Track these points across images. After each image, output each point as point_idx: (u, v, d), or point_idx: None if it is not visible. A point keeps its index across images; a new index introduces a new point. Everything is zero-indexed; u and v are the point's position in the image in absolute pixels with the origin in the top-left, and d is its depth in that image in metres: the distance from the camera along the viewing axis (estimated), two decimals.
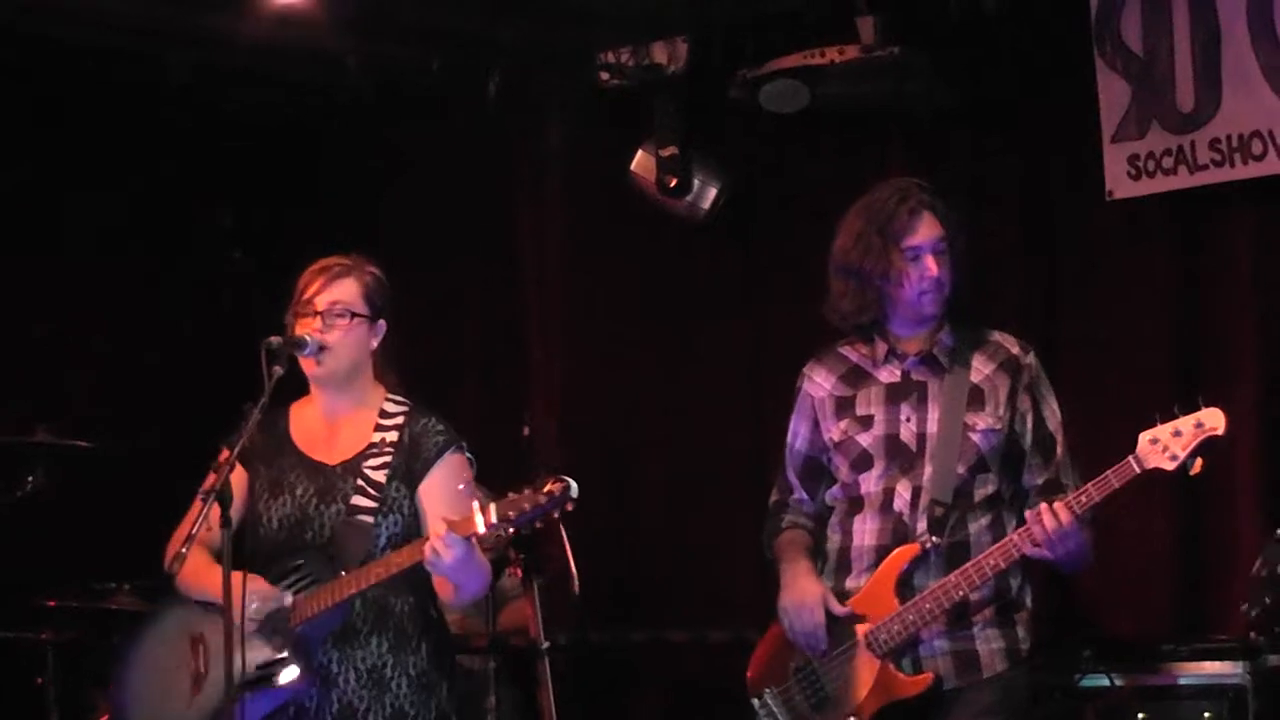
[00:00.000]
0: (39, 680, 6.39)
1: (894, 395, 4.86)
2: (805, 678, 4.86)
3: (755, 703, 4.94)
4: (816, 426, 4.96)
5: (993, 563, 4.66)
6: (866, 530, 4.82)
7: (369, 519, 4.73)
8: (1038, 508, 4.62)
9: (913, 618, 4.71)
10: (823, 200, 5.45)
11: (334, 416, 4.86)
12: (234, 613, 4.39)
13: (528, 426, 6.57)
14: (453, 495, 4.69)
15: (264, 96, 7.54)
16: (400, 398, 4.88)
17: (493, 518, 4.46)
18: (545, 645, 5.77)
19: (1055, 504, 4.59)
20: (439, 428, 4.84)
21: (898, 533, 4.78)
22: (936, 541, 4.73)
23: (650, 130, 7.01)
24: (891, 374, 4.88)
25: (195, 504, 4.65)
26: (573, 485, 4.47)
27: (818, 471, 4.97)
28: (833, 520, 4.91)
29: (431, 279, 7.46)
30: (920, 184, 4.91)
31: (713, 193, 7.01)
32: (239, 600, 4.44)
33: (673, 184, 6.95)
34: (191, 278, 7.74)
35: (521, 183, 7.68)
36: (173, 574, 4.57)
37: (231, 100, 7.49)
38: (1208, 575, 6.20)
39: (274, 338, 4.68)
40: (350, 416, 4.85)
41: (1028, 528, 4.63)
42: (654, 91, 6.98)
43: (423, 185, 7.72)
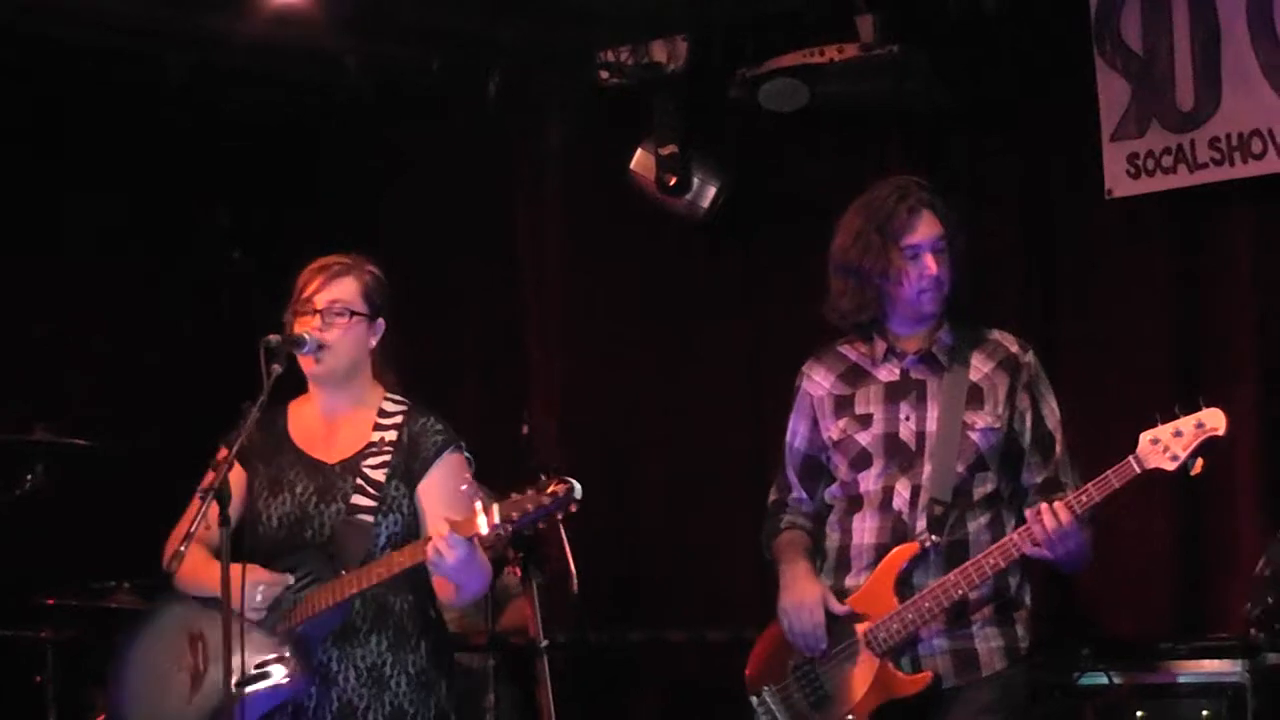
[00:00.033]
0: (38, 678, 6.39)
1: (893, 394, 4.85)
2: (804, 676, 4.85)
3: (754, 701, 4.93)
4: (815, 425, 4.95)
5: (992, 562, 4.66)
6: (866, 529, 4.82)
7: (369, 518, 4.73)
8: (1038, 507, 4.61)
9: (912, 616, 4.70)
10: (822, 199, 5.44)
11: (333, 415, 4.85)
12: (234, 608, 4.39)
13: (527, 425, 6.56)
14: (452, 495, 4.68)
15: (263, 96, 7.54)
16: (399, 397, 4.88)
17: (495, 518, 4.44)
18: (544, 644, 5.76)
19: (1055, 503, 4.58)
20: (438, 427, 4.83)
21: (897, 531, 4.77)
22: (936, 540, 4.72)
23: (650, 129, 7.00)
24: (890, 372, 4.88)
25: (194, 502, 4.65)
26: (576, 486, 4.45)
27: (817, 470, 4.96)
28: (832, 519, 4.90)
29: (431, 279, 7.46)
30: (919, 182, 4.91)
31: (712, 191, 7.00)
32: (239, 595, 4.43)
33: (672, 183, 6.94)
34: (191, 278, 7.75)
35: (521, 182, 7.67)
36: (171, 572, 4.56)
37: (231, 100, 7.49)
38: (1207, 575, 6.20)
39: (273, 336, 4.68)
40: (349, 415, 4.85)
41: (1028, 527, 4.62)
42: (654, 90, 6.97)
43: (422, 185, 7.71)
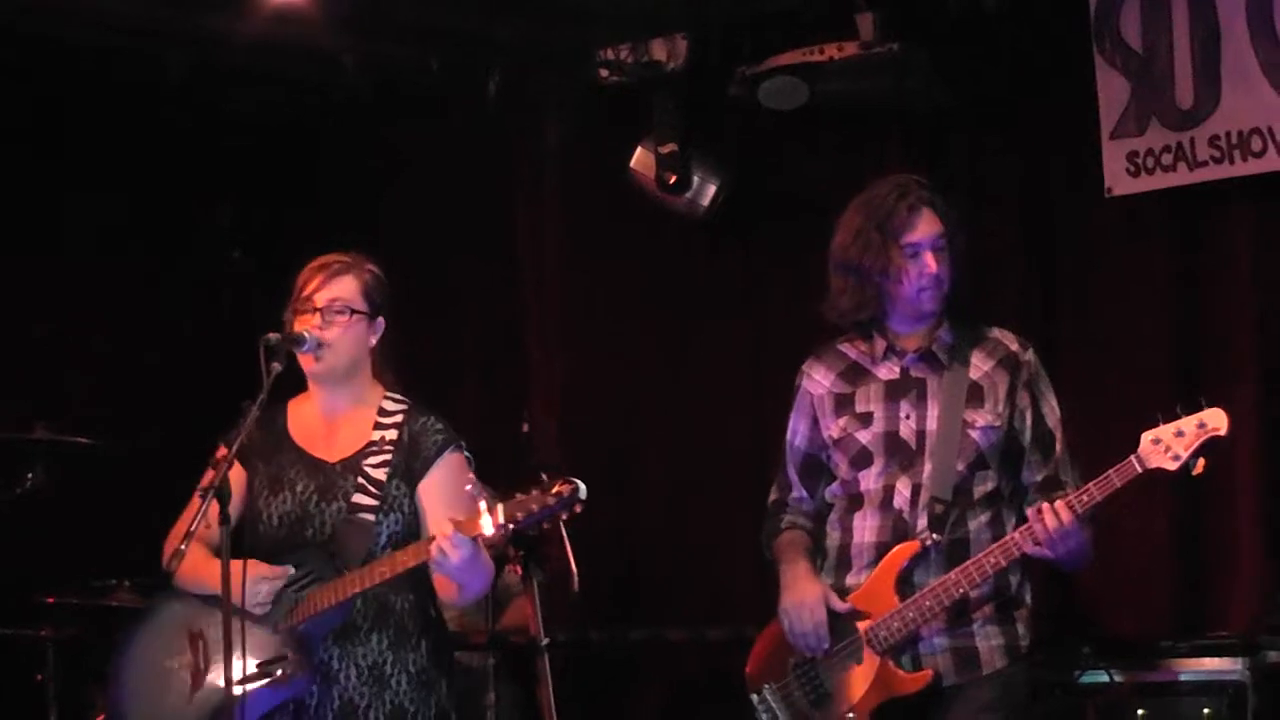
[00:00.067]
0: (39, 677, 6.39)
1: (893, 392, 4.85)
2: (804, 674, 4.85)
3: (754, 699, 4.93)
4: (816, 424, 4.94)
5: (993, 561, 4.65)
6: (866, 527, 4.81)
7: (370, 517, 4.72)
8: (1039, 506, 4.61)
9: (912, 615, 4.70)
10: (822, 197, 5.44)
11: (333, 414, 4.85)
12: (234, 600, 4.39)
13: (527, 424, 6.55)
14: (453, 494, 4.68)
15: (263, 95, 7.53)
16: (399, 396, 4.87)
17: (500, 519, 4.43)
18: (545, 642, 5.77)
19: (1057, 503, 4.58)
20: (438, 426, 4.82)
21: (898, 530, 4.77)
22: (937, 539, 4.72)
23: (650, 127, 6.99)
24: (891, 371, 4.87)
25: (193, 500, 4.66)
26: (581, 487, 4.43)
27: (817, 469, 4.96)
28: (832, 517, 4.90)
29: (431, 278, 7.45)
30: (919, 180, 4.90)
31: (712, 190, 6.99)
32: (240, 591, 4.43)
33: (672, 181, 6.93)
34: (191, 278, 7.74)
35: (521, 181, 7.66)
36: (172, 571, 4.56)
37: (230, 99, 7.48)
38: (1207, 574, 6.19)
39: (273, 334, 4.67)
40: (349, 414, 4.84)
41: (1029, 526, 4.62)
42: (653, 89, 6.96)
43: (422, 184, 7.71)
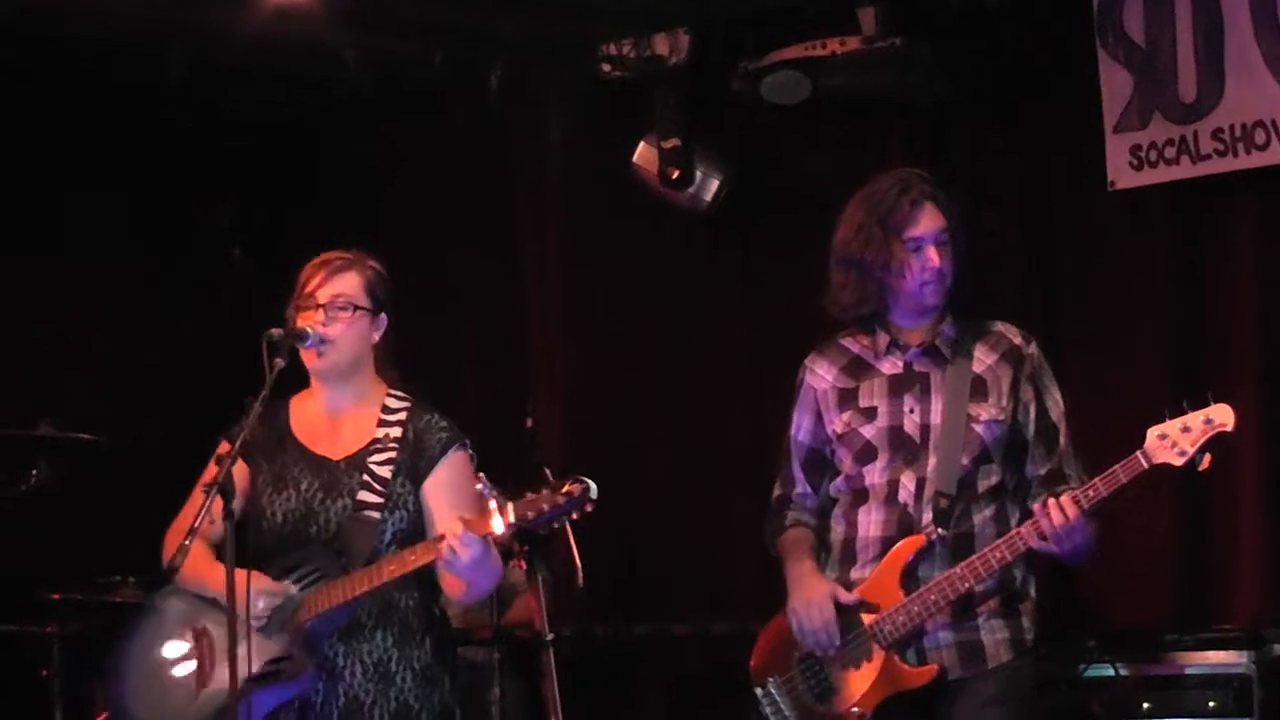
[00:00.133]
0: (44, 673, 6.40)
1: (897, 387, 4.85)
2: (809, 667, 4.85)
3: (758, 692, 4.93)
4: (819, 418, 4.94)
5: (999, 555, 4.65)
6: (871, 521, 4.81)
7: (375, 515, 4.71)
8: (1045, 502, 4.60)
9: (918, 609, 4.70)
10: (824, 192, 5.43)
11: (336, 411, 4.83)
12: (238, 609, 4.39)
13: (531, 420, 6.54)
14: (460, 493, 4.67)
15: (263, 93, 7.52)
16: (401, 393, 4.86)
17: (510, 518, 4.40)
18: (549, 637, 5.76)
19: (1063, 498, 4.58)
20: (442, 424, 4.81)
21: (903, 524, 4.76)
22: (942, 533, 4.72)
23: (652, 122, 6.99)
24: (894, 365, 4.87)
25: (195, 496, 4.65)
26: (592, 487, 4.41)
27: (821, 464, 4.96)
28: (836, 512, 4.90)
29: (432, 274, 7.45)
30: (921, 175, 4.90)
31: (715, 184, 6.99)
32: (243, 597, 4.43)
33: (675, 176, 6.93)
34: (191, 277, 7.74)
35: (522, 176, 7.66)
36: (175, 567, 4.54)
37: (230, 99, 7.47)
38: (1211, 569, 6.19)
39: (275, 330, 4.66)
40: (352, 411, 4.83)
41: (1035, 521, 4.61)
42: (655, 83, 6.96)
43: (423, 180, 7.70)
